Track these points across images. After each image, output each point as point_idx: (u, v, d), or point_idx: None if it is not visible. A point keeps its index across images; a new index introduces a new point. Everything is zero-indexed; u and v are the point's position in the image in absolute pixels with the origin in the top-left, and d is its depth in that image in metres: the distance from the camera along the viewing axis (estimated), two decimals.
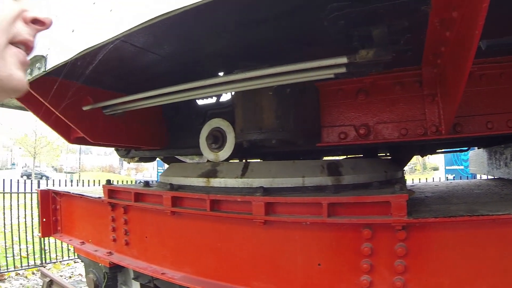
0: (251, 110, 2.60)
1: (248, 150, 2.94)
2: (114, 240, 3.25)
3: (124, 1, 1.63)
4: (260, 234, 2.22)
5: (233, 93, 3.08)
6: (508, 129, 2.31)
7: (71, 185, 15.09)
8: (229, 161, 3.00)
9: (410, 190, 2.14)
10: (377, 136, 2.51)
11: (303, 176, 2.35)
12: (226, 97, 3.54)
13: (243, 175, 2.48)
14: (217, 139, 2.94)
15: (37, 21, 0.91)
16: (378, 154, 3.90)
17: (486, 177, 5.29)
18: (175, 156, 4.70)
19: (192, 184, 2.72)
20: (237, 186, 2.47)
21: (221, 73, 2.98)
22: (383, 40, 1.78)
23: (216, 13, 1.86)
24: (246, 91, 2.45)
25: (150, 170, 43.89)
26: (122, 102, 2.80)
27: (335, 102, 2.65)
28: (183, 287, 2.54)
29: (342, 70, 1.88)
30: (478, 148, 5.39)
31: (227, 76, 2.19)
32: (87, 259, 3.82)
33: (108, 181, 3.44)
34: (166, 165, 4.87)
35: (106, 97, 2.91)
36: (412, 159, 4.37)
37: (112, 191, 3.25)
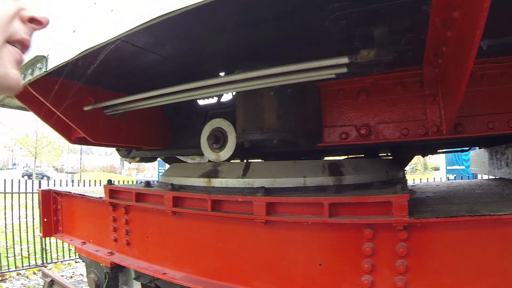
0: (252, 110, 2.60)
1: (249, 150, 2.94)
2: (115, 240, 3.25)
3: (125, 1, 1.63)
4: (261, 234, 2.22)
5: (234, 93, 3.08)
6: (509, 129, 2.31)
7: (72, 185, 15.11)
8: (230, 161, 3.00)
9: (411, 190, 2.13)
10: (378, 136, 2.51)
11: (304, 176, 2.35)
12: (227, 97, 3.54)
13: (244, 175, 2.48)
14: (218, 139, 2.94)
15: (34, 20, 0.91)
16: (379, 154, 3.90)
17: (487, 177, 5.29)
18: (176, 156, 4.70)
19: (193, 184, 2.72)
20: (238, 186, 2.47)
21: (222, 73, 2.98)
22: (384, 40, 1.78)
23: (217, 13, 1.86)
24: (247, 91, 2.45)
25: (151, 170, 43.95)
26: (123, 102, 2.80)
27: (336, 102, 2.65)
28: (184, 287, 2.54)
29: (343, 70, 1.88)
30: (479, 148, 5.38)
31: (228, 76, 2.19)
32: (88, 259, 3.82)
33: (109, 181, 3.44)
34: (167, 165, 4.87)
35: (107, 97, 2.91)
36: (413, 159, 4.35)
37: (113, 191, 3.25)
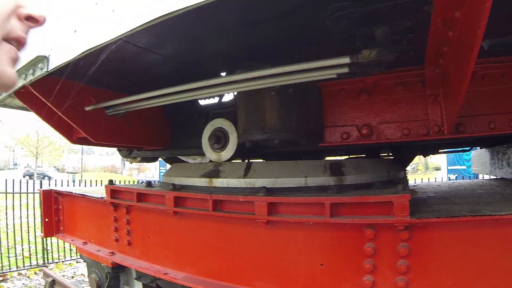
0: (254, 110, 2.60)
1: (251, 150, 2.94)
2: (117, 240, 3.26)
3: (126, 2, 1.63)
4: (263, 234, 2.22)
5: (236, 93, 3.08)
6: (511, 129, 2.30)
7: (73, 185, 15.10)
8: (232, 161, 2.99)
9: (413, 190, 2.13)
10: (380, 136, 2.51)
11: (306, 176, 2.35)
12: (229, 97, 3.54)
13: (246, 175, 2.48)
14: (220, 139, 2.93)
15: (31, 18, 0.91)
16: (381, 154, 3.89)
17: (489, 177, 5.28)
18: (178, 156, 4.70)
19: (195, 184, 2.72)
20: (240, 186, 2.47)
21: (223, 73, 2.99)
22: (386, 40, 1.78)
23: (218, 13, 1.86)
24: (249, 91, 2.44)
25: (152, 170, 44.00)
26: (125, 102, 2.80)
27: (338, 102, 2.65)
28: (186, 287, 2.54)
29: (345, 70, 1.88)
30: (481, 148, 5.37)
31: (230, 76, 2.19)
32: (90, 259, 3.82)
33: (111, 181, 3.44)
34: (168, 166, 4.87)
35: (109, 97, 2.92)
36: (414, 159, 4.35)
37: (115, 191, 3.25)
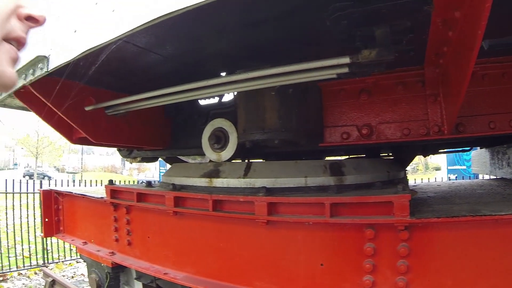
0: (254, 110, 2.60)
1: (251, 150, 2.94)
2: (117, 240, 3.26)
3: (126, 2, 1.63)
4: (263, 234, 2.22)
5: (236, 93, 3.08)
6: (511, 129, 2.30)
7: (74, 185, 15.10)
8: (232, 161, 2.99)
9: (413, 190, 2.13)
10: (380, 136, 2.51)
11: (306, 176, 2.35)
12: (229, 97, 3.54)
13: (246, 175, 2.48)
14: (220, 139, 2.93)
15: (31, 18, 0.91)
16: (381, 154, 3.89)
17: (489, 177, 5.28)
18: (178, 156, 4.70)
19: (195, 184, 2.72)
20: (240, 186, 2.47)
21: (223, 73, 2.98)
22: (386, 40, 1.78)
23: (218, 13, 1.86)
24: (249, 91, 2.44)
25: (152, 170, 43.99)
26: (125, 102, 2.80)
27: (338, 102, 2.65)
28: (186, 287, 2.54)
29: (345, 70, 1.88)
30: (481, 148, 5.37)
31: (230, 76, 2.19)
32: (90, 259, 3.82)
33: (111, 181, 3.44)
34: (168, 166, 4.87)
35: (109, 97, 2.92)
36: (414, 159, 4.35)
37: (115, 191, 3.25)
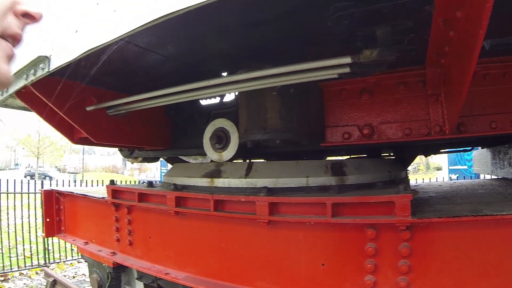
0: (255, 110, 2.60)
1: (252, 150, 2.93)
2: (118, 240, 3.26)
3: (128, 2, 1.63)
4: (264, 234, 2.22)
5: (237, 93, 3.08)
6: None
7: (75, 185, 15.13)
8: (233, 161, 2.99)
9: (414, 190, 2.13)
10: (381, 136, 2.51)
11: (307, 176, 2.35)
12: (230, 97, 3.54)
13: (247, 175, 2.48)
14: (221, 139, 2.93)
15: (28, 15, 0.91)
16: (382, 154, 3.89)
17: (490, 177, 5.27)
18: (179, 157, 4.70)
19: (196, 184, 2.72)
20: (241, 186, 2.47)
21: (225, 73, 2.98)
22: (387, 40, 1.77)
23: (219, 13, 1.86)
24: (250, 91, 2.45)
25: (153, 171, 43.99)
26: (126, 103, 2.80)
27: (339, 102, 2.65)
28: (187, 287, 2.54)
29: (346, 70, 1.88)
30: (482, 148, 5.37)
31: (231, 76, 2.19)
32: (91, 259, 3.82)
33: (112, 181, 3.44)
34: (170, 166, 4.87)
35: (110, 98, 2.92)
36: (415, 159, 4.35)
37: (116, 191, 3.25)
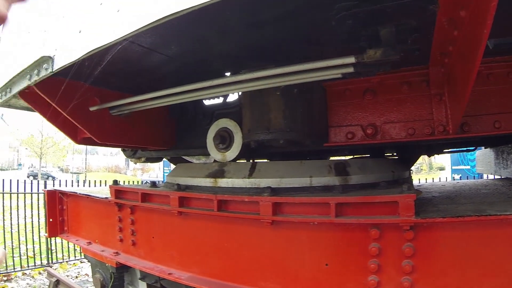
0: (259, 110, 2.59)
1: (256, 150, 2.93)
2: (121, 240, 3.26)
3: (131, 2, 1.63)
4: (268, 234, 2.22)
5: (240, 93, 3.08)
6: None
7: (78, 186, 15.17)
8: (236, 161, 2.99)
9: (418, 190, 2.13)
10: (385, 136, 2.50)
11: (311, 176, 2.35)
12: (233, 97, 3.54)
13: (251, 175, 2.48)
14: (225, 139, 2.93)
15: None
16: (385, 154, 3.89)
17: (493, 177, 5.26)
18: (182, 157, 4.71)
19: (199, 185, 2.73)
20: (245, 186, 2.47)
21: (228, 73, 2.98)
22: (391, 40, 1.77)
23: (223, 13, 1.86)
24: (254, 91, 2.45)
25: (156, 171, 44.03)
26: (129, 103, 2.81)
27: (342, 102, 2.65)
28: (190, 287, 2.54)
29: (350, 70, 1.88)
30: (485, 148, 5.36)
31: (235, 76, 2.19)
32: (94, 259, 3.83)
33: (115, 182, 3.45)
34: (172, 166, 4.88)
35: (113, 98, 2.92)
36: (418, 159, 4.34)
37: (119, 192, 3.26)
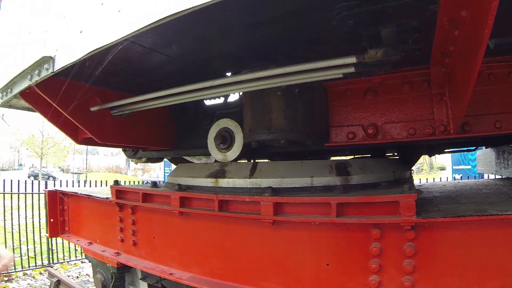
0: (260, 110, 2.59)
1: (257, 150, 2.93)
2: (122, 241, 3.26)
3: (133, 2, 1.64)
4: (269, 234, 2.22)
5: (241, 93, 3.08)
6: None
7: (78, 186, 15.19)
8: (237, 162, 2.99)
9: (419, 190, 2.13)
10: (385, 136, 2.50)
11: (312, 176, 2.35)
12: (234, 97, 3.54)
13: (252, 175, 2.48)
14: (225, 139, 2.94)
15: None
16: (386, 154, 3.88)
17: (494, 177, 5.26)
18: (183, 157, 4.71)
19: (200, 185, 2.73)
20: (246, 186, 2.47)
21: (229, 73, 2.98)
22: (392, 40, 1.77)
23: (224, 13, 1.86)
24: (255, 91, 2.45)
25: (157, 171, 44.01)
26: (130, 103, 2.81)
27: (343, 102, 2.65)
28: (191, 287, 2.54)
29: (351, 70, 1.88)
30: (486, 148, 5.35)
31: (236, 76, 2.19)
32: (95, 260, 3.83)
33: (116, 182, 3.45)
34: (173, 166, 4.88)
35: (114, 98, 2.93)
36: (419, 159, 4.34)
37: (120, 192, 3.26)
